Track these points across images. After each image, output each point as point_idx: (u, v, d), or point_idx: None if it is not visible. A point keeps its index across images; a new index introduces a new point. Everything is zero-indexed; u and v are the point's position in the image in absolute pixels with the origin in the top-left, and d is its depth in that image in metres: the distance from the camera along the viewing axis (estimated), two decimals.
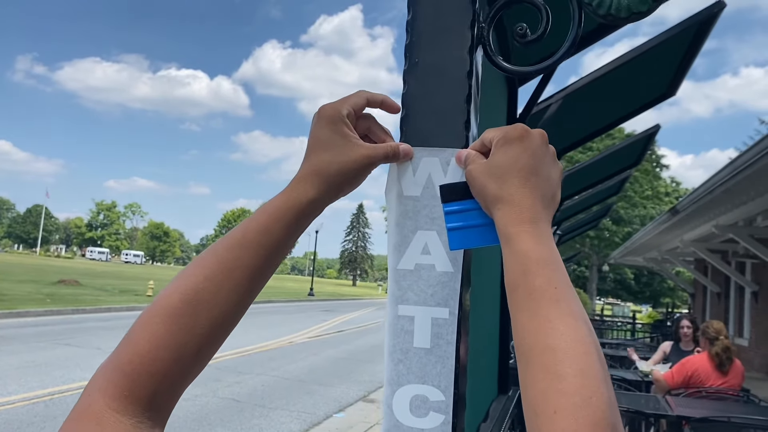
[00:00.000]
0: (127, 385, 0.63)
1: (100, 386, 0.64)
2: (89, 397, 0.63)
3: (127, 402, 0.63)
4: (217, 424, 7.42)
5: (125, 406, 0.63)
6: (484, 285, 2.31)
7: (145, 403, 0.64)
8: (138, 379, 0.64)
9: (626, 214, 41.33)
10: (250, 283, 0.72)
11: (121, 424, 0.61)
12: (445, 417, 0.75)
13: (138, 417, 0.63)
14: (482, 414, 2.00)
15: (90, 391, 0.64)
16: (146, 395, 0.64)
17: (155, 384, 0.65)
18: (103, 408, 0.62)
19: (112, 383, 0.63)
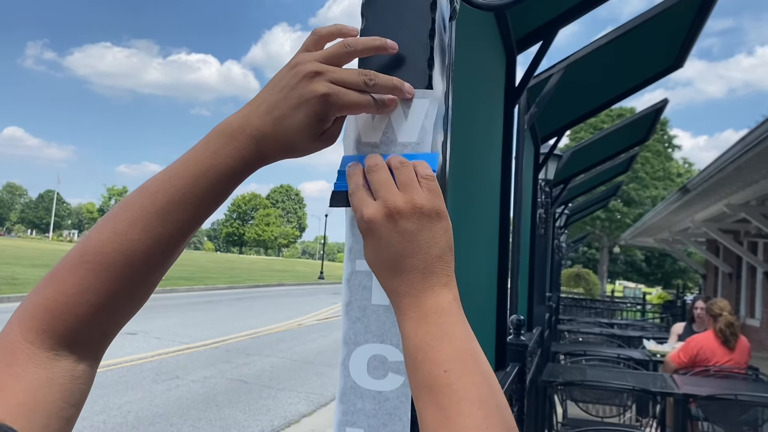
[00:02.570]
0: (48, 320, 0.62)
1: (19, 318, 0.63)
2: (8, 327, 0.63)
3: (45, 336, 0.62)
4: (225, 405, 7.45)
5: (42, 340, 0.62)
6: (481, 261, 2.26)
7: (65, 339, 0.63)
8: (60, 317, 0.63)
9: (637, 196, 41.05)
10: (186, 237, 0.67)
11: (35, 356, 0.61)
12: (405, 379, 0.70)
13: (56, 350, 0.63)
14: None
15: (10, 322, 0.64)
16: (67, 333, 0.63)
17: (79, 324, 0.63)
18: (20, 339, 0.62)
19: (32, 317, 0.63)
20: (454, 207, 1.61)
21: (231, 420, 6.89)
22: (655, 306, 16.61)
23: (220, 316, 16.90)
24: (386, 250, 0.64)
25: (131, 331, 12.38)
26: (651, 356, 5.99)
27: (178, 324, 14.22)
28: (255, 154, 0.66)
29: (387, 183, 0.65)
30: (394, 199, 0.63)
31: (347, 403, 0.71)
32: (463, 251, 1.82)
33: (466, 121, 1.74)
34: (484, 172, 2.16)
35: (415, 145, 0.71)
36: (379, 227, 0.64)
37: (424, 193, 0.64)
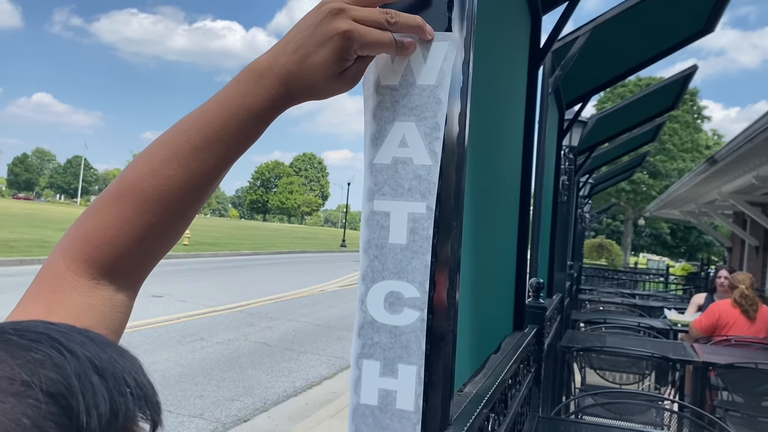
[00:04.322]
0: (89, 251, 0.66)
1: (62, 249, 0.67)
2: (52, 257, 0.67)
3: (86, 265, 0.66)
4: (248, 366, 7.61)
5: (84, 269, 0.66)
6: (500, 223, 2.27)
7: (105, 269, 0.67)
8: (100, 248, 0.66)
9: (664, 168, 40.37)
10: (219, 174, 0.70)
11: (77, 284, 0.65)
12: (420, 314, 0.73)
13: (96, 279, 0.66)
14: (494, 346, 1.98)
15: (54, 253, 0.67)
16: (107, 263, 0.66)
17: (118, 255, 0.67)
18: (63, 268, 0.65)
19: (74, 248, 0.66)
20: (473, 167, 1.62)
21: (254, 381, 7.04)
22: (679, 278, 16.46)
23: (244, 281, 17.14)
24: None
25: (157, 293, 12.62)
26: (671, 325, 5.97)
27: (203, 288, 14.47)
28: (283, 93, 0.68)
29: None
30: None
31: (364, 337, 0.74)
32: (482, 212, 1.84)
33: (488, 79, 1.74)
34: (506, 133, 2.16)
35: (433, 87, 0.72)
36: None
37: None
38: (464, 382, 1.51)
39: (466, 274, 1.53)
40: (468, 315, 1.59)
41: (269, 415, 5.95)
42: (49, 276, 0.65)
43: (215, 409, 5.98)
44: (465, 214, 1.44)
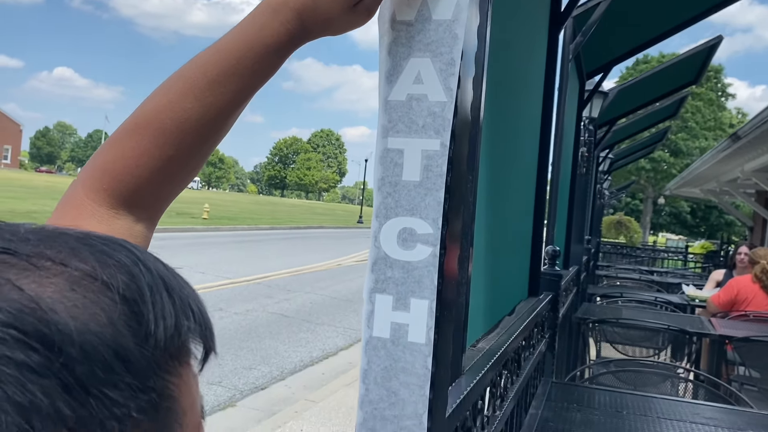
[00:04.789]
0: (108, 181, 0.67)
1: (82, 179, 0.69)
2: (73, 187, 0.69)
3: (105, 195, 0.67)
4: (266, 336, 7.72)
5: (103, 198, 0.67)
6: (517, 189, 2.26)
7: (123, 198, 0.68)
8: (118, 178, 0.67)
9: (685, 146, 39.81)
10: (236, 109, 0.71)
11: (97, 213, 0.66)
12: (433, 249, 0.73)
13: (115, 209, 0.68)
14: (508, 309, 1.99)
15: (74, 183, 0.69)
16: (126, 193, 0.68)
17: (137, 185, 0.68)
18: (83, 197, 0.67)
19: (93, 178, 0.68)
20: (489, 129, 1.62)
21: (271, 350, 7.14)
22: (698, 256, 16.30)
23: (262, 254, 17.28)
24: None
25: (176, 265, 12.61)
26: (689, 301, 5.93)
27: (221, 260, 14.61)
28: (299, 27, 0.69)
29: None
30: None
31: (378, 272, 0.75)
32: (500, 178, 1.83)
33: (506, 41, 1.72)
34: (525, 97, 2.15)
35: (449, 22, 0.72)
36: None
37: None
38: (477, 339, 1.52)
39: (480, 234, 1.53)
40: (481, 276, 1.60)
41: (286, 384, 6.04)
42: (70, 205, 0.67)
43: (233, 377, 6.08)
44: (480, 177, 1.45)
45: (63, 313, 0.34)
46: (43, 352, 0.32)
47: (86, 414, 0.33)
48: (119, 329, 0.35)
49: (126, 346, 0.35)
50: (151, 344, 0.37)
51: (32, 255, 0.36)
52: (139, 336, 0.36)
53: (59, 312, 0.34)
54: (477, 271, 1.48)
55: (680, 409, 2.23)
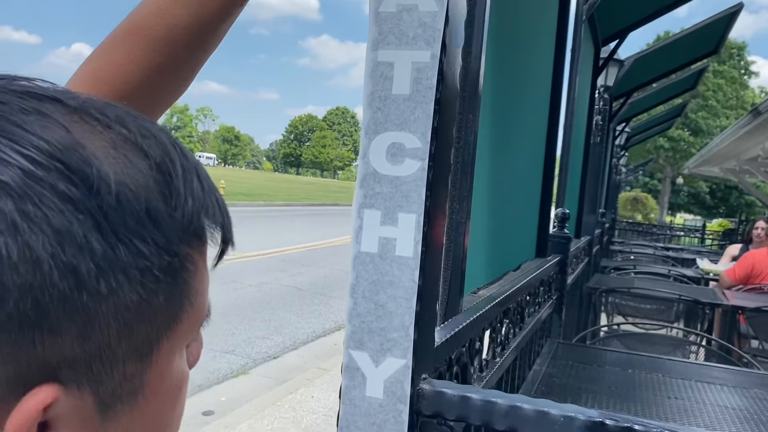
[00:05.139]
0: (99, 87, 0.67)
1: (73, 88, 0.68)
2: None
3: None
4: (279, 308, 7.78)
5: None
6: (525, 148, 2.25)
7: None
8: (110, 83, 0.68)
9: (706, 125, 39.15)
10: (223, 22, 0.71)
11: None
12: (421, 164, 0.73)
13: None
14: (513, 266, 1.99)
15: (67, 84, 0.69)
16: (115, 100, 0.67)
17: (126, 92, 0.68)
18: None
19: (86, 85, 0.68)
20: (493, 80, 1.60)
21: (284, 321, 7.20)
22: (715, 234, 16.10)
23: (277, 230, 17.37)
24: None
25: None
26: (703, 274, 5.88)
27: (236, 234, 14.54)
28: None
29: None
30: None
31: (366, 188, 0.75)
32: (505, 130, 1.82)
33: None
34: (535, 54, 2.12)
35: None
36: None
37: None
38: (479, 287, 1.52)
39: (482, 184, 1.52)
40: (484, 226, 1.59)
41: (298, 353, 6.10)
42: None
43: (246, 346, 6.15)
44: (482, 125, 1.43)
45: (105, 162, 0.36)
46: (83, 189, 0.35)
47: (113, 256, 0.36)
48: (152, 193, 0.38)
49: (157, 208, 0.38)
50: (179, 215, 0.39)
51: (80, 109, 0.38)
52: (169, 205, 0.39)
53: (102, 160, 0.36)
54: (479, 220, 1.47)
55: (688, 370, 2.22)
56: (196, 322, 0.44)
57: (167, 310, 0.40)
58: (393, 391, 0.74)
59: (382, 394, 0.74)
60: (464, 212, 1.15)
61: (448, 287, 1.17)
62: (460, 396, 0.74)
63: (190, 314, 0.43)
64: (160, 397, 0.43)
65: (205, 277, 0.45)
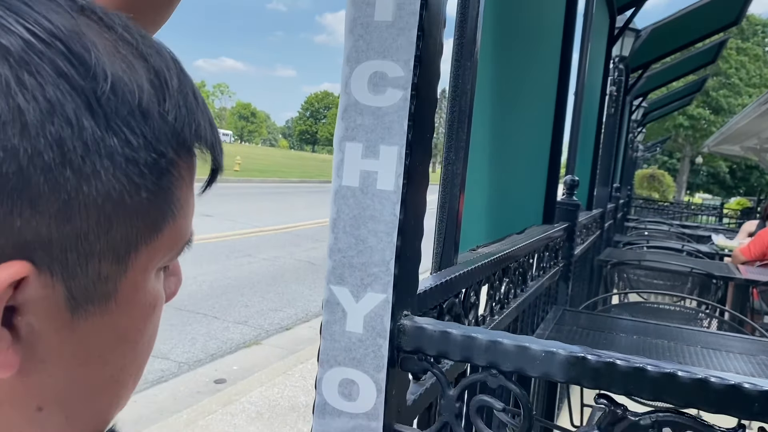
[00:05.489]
0: None
1: None
2: None
3: None
4: (292, 281, 7.82)
5: None
6: (534, 113, 2.21)
7: None
8: None
9: (727, 104, 38.48)
10: None
11: None
12: (404, 93, 0.71)
13: None
14: (517, 229, 1.97)
15: None
16: None
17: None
18: None
19: None
20: (495, 37, 1.57)
21: (297, 294, 7.24)
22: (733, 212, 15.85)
23: (291, 206, 17.42)
24: None
25: (207, 213, 12.96)
26: (718, 250, 5.81)
27: (251, 210, 14.78)
28: None
29: None
30: None
31: (348, 120, 0.74)
32: (509, 93, 1.79)
33: None
34: (542, 17, 2.08)
35: None
36: None
37: None
38: (478, 245, 1.51)
39: (483, 143, 1.50)
40: (485, 186, 1.57)
41: (310, 325, 6.14)
42: None
43: (259, 318, 6.19)
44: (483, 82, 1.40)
45: (104, 55, 0.37)
46: (81, 70, 0.35)
47: (101, 138, 0.36)
48: (146, 92, 0.39)
49: (149, 106, 0.38)
50: (170, 118, 0.40)
51: (88, 9, 0.39)
52: (162, 107, 0.39)
53: (101, 52, 0.37)
54: (479, 177, 1.45)
55: (697, 337, 2.20)
56: (177, 241, 0.44)
57: (149, 213, 0.40)
58: (373, 326, 0.73)
59: (362, 329, 0.74)
60: (461, 163, 1.13)
61: (443, 239, 1.16)
62: (440, 331, 0.73)
63: (171, 228, 0.42)
64: (133, 310, 0.42)
65: (190, 197, 0.45)
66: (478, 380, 0.72)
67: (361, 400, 0.74)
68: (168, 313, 5.79)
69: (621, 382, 0.63)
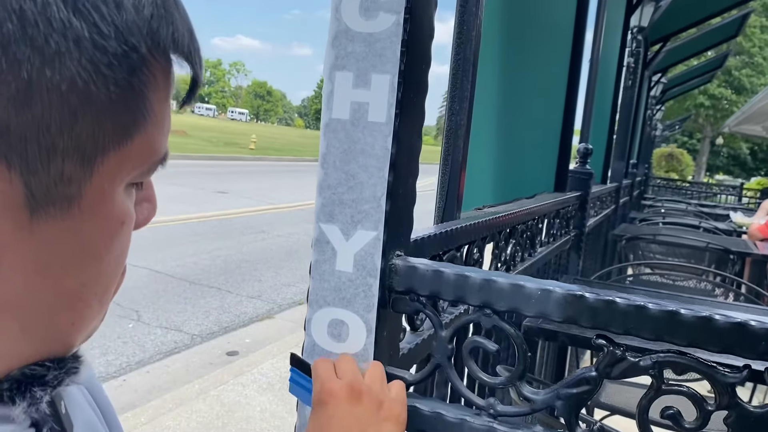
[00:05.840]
0: None
1: None
2: None
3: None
4: (306, 258, 7.77)
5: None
6: (546, 76, 2.16)
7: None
8: None
9: (750, 83, 37.75)
10: None
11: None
12: (397, 17, 0.68)
13: None
14: (527, 193, 1.93)
15: None
16: None
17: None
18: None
19: None
20: None
21: None
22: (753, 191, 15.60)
23: (306, 184, 17.42)
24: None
25: (223, 190, 13.03)
26: (736, 227, 5.71)
27: (267, 187, 14.83)
28: None
29: (354, 370, 0.71)
30: (360, 382, 0.69)
31: (338, 48, 0.71)
32: (520, 50, 1.74)
33: None
34: None
35: None
36: (337, 402, 0.67)
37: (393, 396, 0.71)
38: (485, 205, 1.48)
39: (491, 99, 1.46)
40: (493, 145, 1.54)
41: None
42: None
43: (272, 293, 6.22)
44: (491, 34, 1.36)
45: None
46: None
47: (67, 19, 0.34)
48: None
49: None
50: (146, 14, 0.37)
51: None
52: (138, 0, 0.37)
53: None
54: (486, 135, 1.42)
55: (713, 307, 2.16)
56: (150, 155, 0.42)
57: (118, 114, 0.38)
58: (363, 265, 0.70)
59: (352, 268, 0.71)
60: (464, 114, 1.10)
61: (446, 193, 1.13)
62: (433, 270, 0.70)
63: (143, 137, 0.40)
64: (98, 220, 0.40)
65: (165, 108, 0.42)
66: (471, 321, 0.69)
67: (351, 341, 0.72)
68: (182, 287, 5.84)
69: (620, 320, 0.60)
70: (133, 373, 4.04)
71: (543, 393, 0.64)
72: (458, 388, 0.70)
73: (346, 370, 0.70)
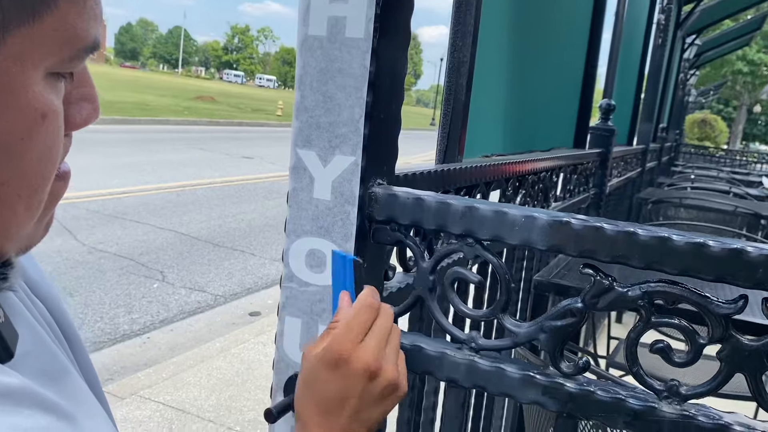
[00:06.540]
0: None
1: None
2: None
3: None
4: None
5: None
6: (570, 24, 2.08)
7: None
8: None
9: None
10: None
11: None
12: None
13: None
14: (542, 147, 1.88)
15: None
16: None
17: None
18: None
19: None
20: None
21: None
22: None
23: None
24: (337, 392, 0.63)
25: (248, 155, 13.07)
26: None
27: None
28: None
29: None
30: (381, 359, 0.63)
31: None
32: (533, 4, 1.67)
33: None
34: None
35: None
36: (351, 369, 0.62)
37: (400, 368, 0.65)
38: (493, 153, 1.43)
39: (501, 42, 1.40)
40: (504, 92, 1.48)
41: None
42: None
43: None
44: None
45: None
46: None
47: None
48: None
49: None
50: None
51: None
52: None
53: None
54: (496, 80, 1.36)
55: None
56: (69, 40, 0.38)
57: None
58: (341, 192, 0.67)
59: (330, 195, 0.68)
60: (467, 51, 1.05)
61: (447, 134, 1.08)
62: (414, 198, 0.67)
63: (57, 19, 0.36)
64: (9, 112, 0.36)
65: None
66: (453, 251, 0.66)
67: (329, 271, 0.69)
68: (206, 249, 5.89)
69: (608, 247, 0.56)
70: (157, 331, 4.11)
71: (526, 326, 0.61)
72: (439, 320, 0.67)
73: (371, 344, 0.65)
